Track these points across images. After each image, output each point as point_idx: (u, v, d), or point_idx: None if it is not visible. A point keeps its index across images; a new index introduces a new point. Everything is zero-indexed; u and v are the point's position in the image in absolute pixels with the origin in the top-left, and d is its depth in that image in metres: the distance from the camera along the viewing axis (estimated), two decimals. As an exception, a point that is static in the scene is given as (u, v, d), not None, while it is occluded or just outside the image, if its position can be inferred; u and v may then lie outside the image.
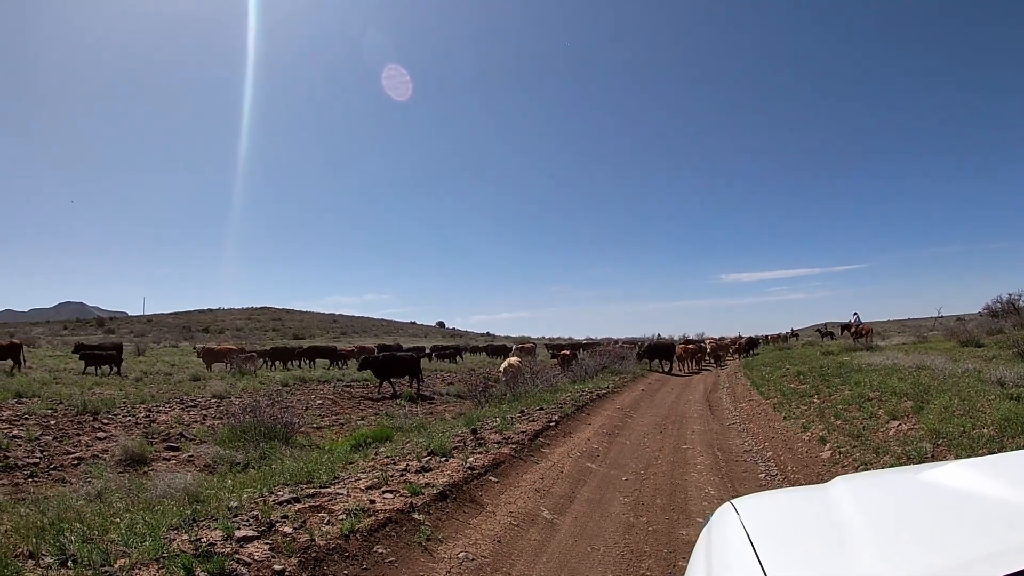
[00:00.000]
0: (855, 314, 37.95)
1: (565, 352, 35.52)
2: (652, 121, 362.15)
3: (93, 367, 28.92)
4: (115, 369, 29.31)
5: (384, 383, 26.35)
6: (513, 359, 26.69)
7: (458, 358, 49.26)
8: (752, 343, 50.23)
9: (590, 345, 51.80)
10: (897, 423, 10.70)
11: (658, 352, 38.35)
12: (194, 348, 45.93)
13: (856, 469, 9.51)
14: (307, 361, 40.59)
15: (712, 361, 42.60)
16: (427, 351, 47.32)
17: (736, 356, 46.57)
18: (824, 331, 59.91)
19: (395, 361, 27.07)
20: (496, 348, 58.00)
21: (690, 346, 40.42)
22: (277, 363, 38.71)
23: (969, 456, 8.10)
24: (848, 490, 2.20)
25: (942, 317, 55.92)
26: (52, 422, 15.01)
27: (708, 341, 49.60)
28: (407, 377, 27.29)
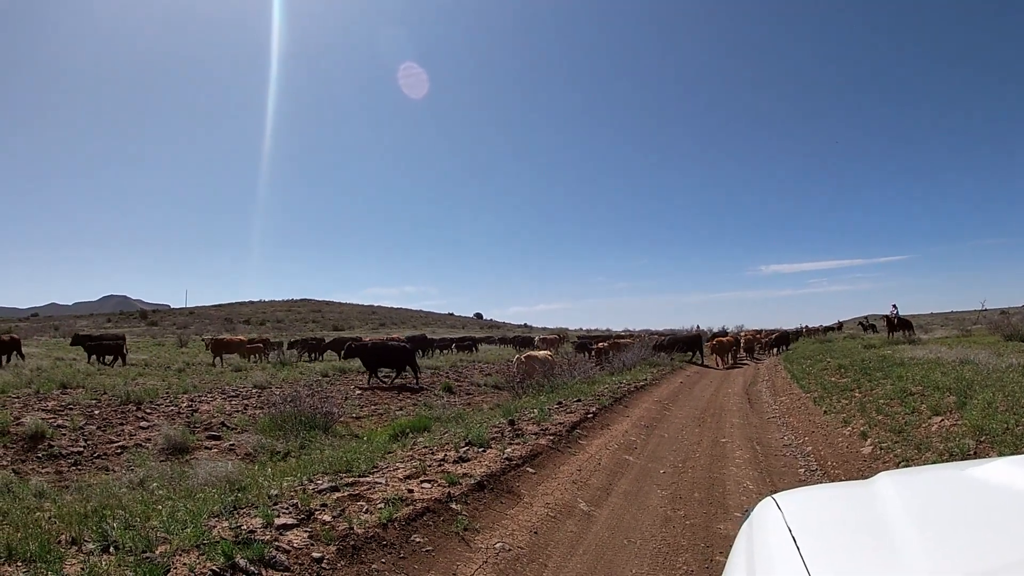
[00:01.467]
0: (893, 306, 37.34)
1: (601, 344, 34.80)
2: (690, 110, 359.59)
3: (96, 357, 29.08)
4: (118, 359, 29.40)
5: (373, 373, 25.68)
6: (540, 352, 26.00)
7: (475, 349, 49.12)
8: (784, 337, 48.17)
9: (621, 338, 50.95)
10: (939, 419, 10.50)
11: (683, 346, 37.81)
12: (203, 340, 46.13)
13: (898, 465, 9.37)
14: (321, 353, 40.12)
15: (745, 355, 41.47)
16: (451, 343, 47.47)
17: (768, 351, 44.74)
18: (866, 324, 58.96)
19: (384, 351, 26.22)
20: (523, 340, 57.85)
21: (723, 339, 38.61)
22: (302, 355, 38.54)
23: (1013, 453, 7.94)
24: (893, 486, 2.15)
25: (986, 310, 54.99)
26: (96, 412, 15.30)
27: (744, 334, 48.24)
28: (408, 368, 26.18)
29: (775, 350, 44.44)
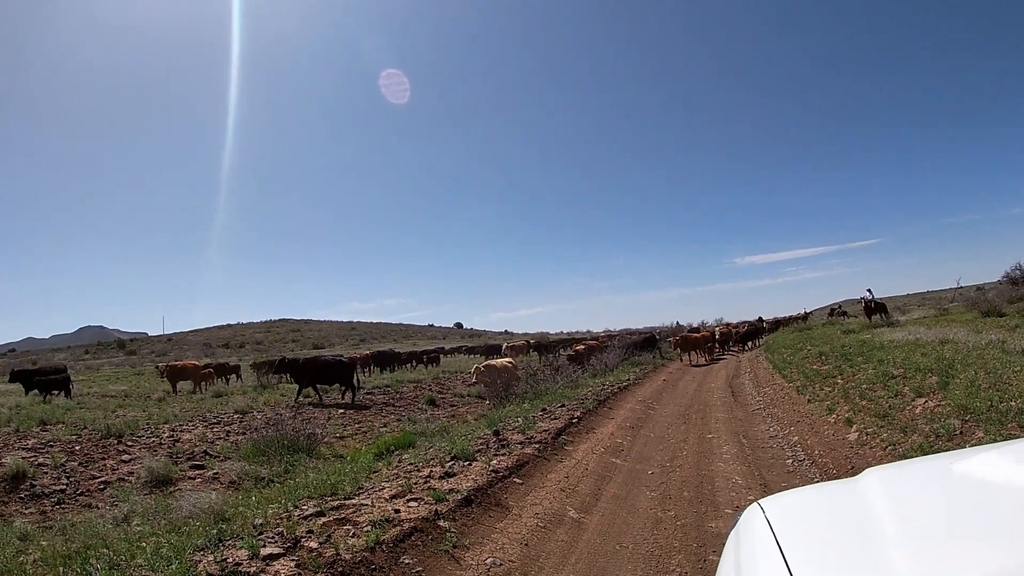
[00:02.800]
0: (868, 290, 37.61)
1: (579, 348, 33.99)
2: (657, 105, 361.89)
3: (38, 391, 26.79)
4: (64, 393, 27.22)
5: (305, 389, 24.95)
6: (499, 360, 23.96)
7: (436, 362, 47.24)
8: (754, 332, 44.54)
9: (596, 339, 48.66)
10: (923, 400, 10.55)
11: (639, 347, 37.04)
12: (156, 368, 43.41)
13: (884, 450, 9.42)
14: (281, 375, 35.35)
15: (720, 349, 38.97)
16: (419, 356, 46.92)
17: (736, 347, 41.72)
18: (838, 310, 58.86)
19: (318, 366, 25.49)
20: (491, 348, 57.25)
21: (691, 335, 37.26)
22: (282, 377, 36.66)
23: (998, 431, 8.02)
24: (879, 484, 2.12)
25: (961, 288, 55.43)
26: (77, 448, 15.06)
27: (719, 328, 46.06)
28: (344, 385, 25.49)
29: (744, 346, 41.75)
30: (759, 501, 2.28)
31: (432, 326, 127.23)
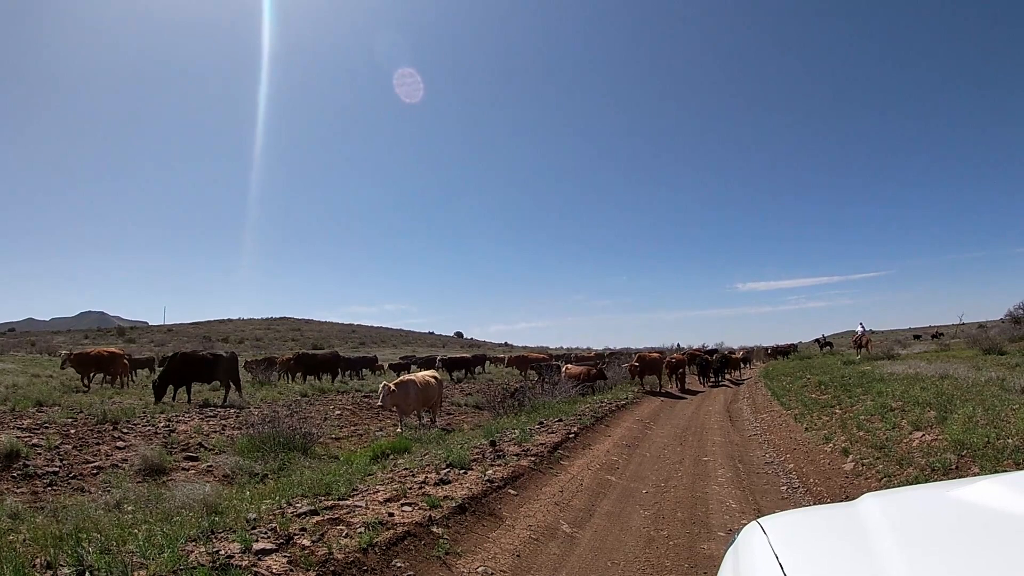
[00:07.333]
0: (860, 324, 37.61)
1: (574, 369, 29.04)
2: (669, 126, 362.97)
3: None
4: None
5: (177, 390, 23.35)
6: (419, 375, 19.55)
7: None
8: (706, 364, 35.55)
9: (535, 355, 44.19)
10: (920, 434, 10.55)
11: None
12: (64, 355, 36.04)
13: (879, 481, 9.40)
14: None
15: (675, 379, 31.37)
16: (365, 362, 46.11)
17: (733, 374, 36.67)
18: (823, 341, 58.52)
19: (192, 362, 23.87)
20: (424, 361, 50.38)
21: (654, 355, 31.18)
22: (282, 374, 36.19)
23: (994, 467, 8.03)
24: (878, 508, 2.13)
25: (963, 324, 55.41)
26: (72, 431, 15.05)
27: (675, 355, 41.75)
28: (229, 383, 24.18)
29: (706, 377, 35.25)
30: (758, 519, 2.29)
31: (432, 333, 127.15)
